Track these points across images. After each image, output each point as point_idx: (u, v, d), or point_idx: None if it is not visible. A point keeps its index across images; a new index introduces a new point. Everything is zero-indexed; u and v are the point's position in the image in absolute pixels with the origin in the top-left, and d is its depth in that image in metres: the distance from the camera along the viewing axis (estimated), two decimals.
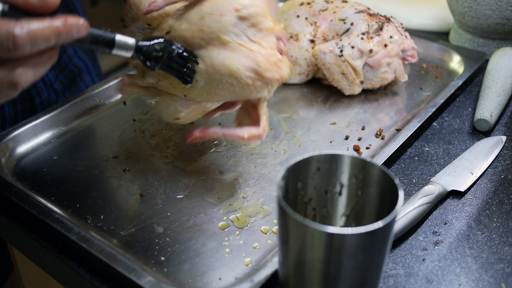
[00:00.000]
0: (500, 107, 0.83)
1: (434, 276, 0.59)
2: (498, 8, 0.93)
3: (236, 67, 0.61)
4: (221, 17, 0.61)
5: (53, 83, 0.94)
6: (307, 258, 0.47)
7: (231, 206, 0.67)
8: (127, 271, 0.56)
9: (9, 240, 0.73)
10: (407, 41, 0.89)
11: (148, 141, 0.79)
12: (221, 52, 0.61)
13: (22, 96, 0.89)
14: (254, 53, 0.62)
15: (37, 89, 0.91)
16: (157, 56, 0.61)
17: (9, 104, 0.87)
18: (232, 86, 0.62)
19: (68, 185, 0.71)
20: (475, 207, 0.68)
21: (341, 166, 0.53)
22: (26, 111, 0.91)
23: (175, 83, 0.64)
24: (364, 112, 0.85)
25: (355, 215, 0.56)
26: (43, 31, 0.48)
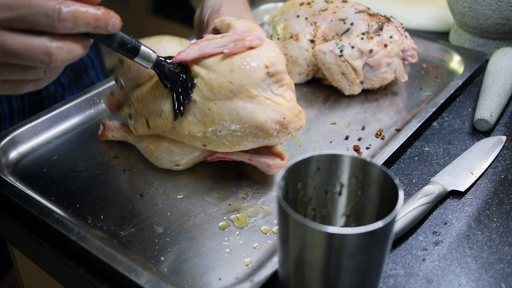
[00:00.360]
0: (500, 107, 0.83)
1: (434, 276, 0.59)
2: (498, 8, 0.93)
3: (264, 120, 0.64)
4: (252, 73, 0.63)
5: (60, 77, 0.96)
6: (307, 258, 0.47)
7: (231, 206, 0.67)
8: (127, 271, 0.56)
9: (9, 240, 0.73)
10: (407, 41, 0.89)
11: None
12: (247, 105, 0.64)
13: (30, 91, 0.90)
14: (280, 106, 0.65)
15: None
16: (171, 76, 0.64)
17: (17, 97, 0.88)
18: (257, 137, 0.65)
19: (68, 185, 0.71)
20: (475, 207, 0.68)
21: (341, 166, 0.53)
22: (33, 104, 0.92)
23: (194, 133, 0.66)
24: (364, 112, 0.85)
25: (355, 215, 0.56)
26: (86, 14, 0.52)
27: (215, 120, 0.64)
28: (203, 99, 0.64)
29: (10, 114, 0.89)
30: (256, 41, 0.65)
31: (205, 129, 0.65)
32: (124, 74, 0.71)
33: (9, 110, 0.89)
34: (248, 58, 0.64)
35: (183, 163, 0.71)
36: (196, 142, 0.67)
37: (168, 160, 0.71)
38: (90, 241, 0.59)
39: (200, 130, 0.65)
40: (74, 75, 1.00)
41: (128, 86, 0.72)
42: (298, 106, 0.67)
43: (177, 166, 0.71)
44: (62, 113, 0.81)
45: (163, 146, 0.70)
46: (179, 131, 0.67)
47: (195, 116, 0.65)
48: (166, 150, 0.70)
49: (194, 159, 0.71)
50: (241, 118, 0.64)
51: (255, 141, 0.66)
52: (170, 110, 0.66)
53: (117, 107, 0.77)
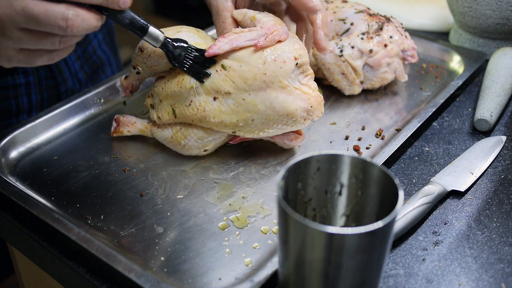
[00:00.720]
0: (500, 107, 0.83)
1: (434, 276, 0.59)
2: (498, 8, 0.93)
3: (295, 109, 0.69)
4: (284, 64, 0.68)
5: (78, 72, 0.98)
6: (307, 258, 0.47)
7: (231, 206, 0.67)
8: (127, 271, 0.56)
9: (9, 240, 0.73)
10: (407, 41, 0.89)
11: (148, 141, 0.79)
12: (280, 94, 0.68)
13: (49, 84, 0.93)
14: (308, 95, 0.70)
15: (63, 77, 0.95)
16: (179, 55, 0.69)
17: (36, 91, 0.92)
18: (286, 124, 0.70)
19: (68, 185, 0.71)
20: (475, 207, 0.68)
21: (341, 166, 0.53)
22: (51, 98, 0.94)
23: (226, 121, 0.70)
24: (364, 112, 0.85)
25: (355, 215, 0.56)
26: None
27: (249, 110, 0.69)
28: (236, 90, 0.68)
29: (29, 107, 0.91)
30: (284, 35, 0.69)
31: (237, 117, 0.69)
32: (143, 61, 0.74)
33: (28, 103, 0.91)
34: (279, 50, 0.68)
35: (211, 147, 0.74)
36: (226, 129, 0.71)
37: (197, 146, 0.73)
38: (90, 241, 0.59)
39: (232, 119, 0.69)
40: (91, 71, 1.02)
41: (146, 72, 0.76)
42: (320, 94, 0.72)
43: (205, 151, 0.74)
44: (62, 113, 0.81)
45: (191, 133, 0.73)
46: (209, 120, 0.70)
47: (229, 106, 0.69)
48: (195, 136, 0.73)
49: (221, 143, 0.75)
50: (274, 107, 0.68)
51: (283, 128, 0.71)
52: (201, 101, 0.70)
53: (131, 90, 0.80)
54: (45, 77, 0.93)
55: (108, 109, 0.85)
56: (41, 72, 0.92)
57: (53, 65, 0.93)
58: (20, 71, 0.89)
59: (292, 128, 0.71)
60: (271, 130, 0.71)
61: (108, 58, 1.08)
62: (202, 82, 0.69)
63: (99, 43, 1.04)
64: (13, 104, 0.90)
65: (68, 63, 0.95)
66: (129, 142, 0.78)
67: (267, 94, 0.68)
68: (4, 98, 0.89)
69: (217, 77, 0.69)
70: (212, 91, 0.69)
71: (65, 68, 0.95)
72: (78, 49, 0.98)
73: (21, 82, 0.89)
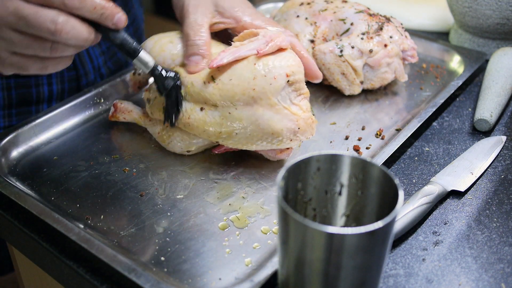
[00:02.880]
0: (500, 107, 0.83)
1: (434, 276, 0.59)
2: (498, 8, 0.93)
3: (280, 129, 0.67)
4: (274, 80, 0.66)
5: (101, 67, 0.99)
6: (307, 258, 0.47)
7: (231, 206, 0.67)
8: (127, 271, 0.56)
9: (9, 240, 0.73)
10: (407, 41, 0.89)
11: (148, 141, 0.79)
12: (266, 112, 0.67)
13: (71, 75, 0.94)
14: (297, 116, 0.68)
15: (85, 70, 0.95)
16: (165, 86, 0.69)
17: (58, 81, 0.93)
18: (270, 142, 0.69)
19: (68, 185, 0.71)
20: (475, 207, 0.68)
21: (341, 166, 0.53)
22: (72, 89, 0.95)
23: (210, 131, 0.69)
24: (364, 112, 0.85)
25: (355, 215, 0.56)
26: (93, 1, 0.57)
27: (233, 123, 0.68)
28: (224, 103, 0.68)
29: (49, 96, 0.92)
30: (286, 42, 0.69)
31: (221, 129, 0.69)
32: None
33: (48, 93, 0.92)
34: (270, 66, 0.67)
35: (194, 149, 0.74)
36: (210, 138, 0.70)
37: (180, 147, 0.74)
38: (90, 241, 0.59)
39: (216, 130, 0.69)
40: (115, 69, 1.04)
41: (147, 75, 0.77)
42: (312, 116, 0.70)
43: (188, 152, 0.75)
44: (62, 113, 0.81)
45: (176, 134, 0.73)
46: (193, 128, 0.70)
47: (214, 118, 0.69)
48: (178, 138, 0.73)
49: (205, 147, 0.75)
50: (259, 124, 0.67)
51: (267, 145, 0.70)
52: (187, 108, 0.70)
53: (138, 86, 0.82)
54: (67, 68, 0.93)
55: (108, 109, 0.85)
56: None
57: (76, 56, 0.94)
58: None
59: (278, 147, 0.70)
60: (254, 146, 0.70)
61: None
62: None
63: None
64: (34, 92, 0.90)
65: (91, 56, 0.96)
66: (129, 142, 0.78)
67: (254, 110, 0.67)
68: (25, 86, 0.89)
69: (205, 88, 0.68)
70: (200, 101, 0.69)
71: (88, 61, 0.95)
72: (102, 44, 0.99)
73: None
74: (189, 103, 0.70)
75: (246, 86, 0.66)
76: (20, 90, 0.89)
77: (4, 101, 0.88)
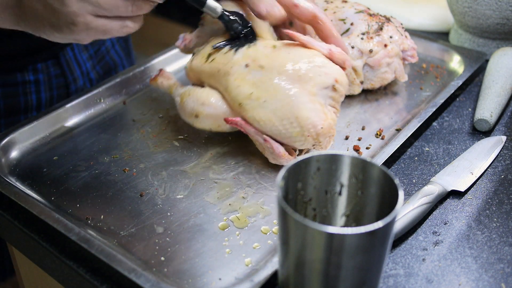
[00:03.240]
0: (500, 107, 0.83)
1: (434, 276, 0.59)
2: (498, 8, 0.93)
3: (307, 117, 0.67)
4: (325, 76, 0.68)
5: (90, 72, 0.99)
6: (307, 258, 0.47)
7: (231, 206, 0.67)
8: (127, 271, 0.56)
9: (9, 240, 0.73)
10: (407, 41, 0.89)
11: (148, 141, 0.79)
12: (303, 96, 0.67)
13: (59, 82, 0.94)
14: (325, 117, 0.68)
15: (73, 77, 0.96)
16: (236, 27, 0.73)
17: (46, 89, 0.93)
18: (289, 128, 0.68)
19: (68, 185, 0.71)
20: (475, 207, 0.68)
21: (341, 166, 0.53)
22: (61, 96, 0.95)
23: (242, 89, 0.70)
24: (364, 112, 0.85)
25: (355, 215, 0.56)
26: None
27: (269, 89, 0.68)
28: (271, 69, 0.69)
29: (37, 104, 0.92)
30: (348, 63, 0.72)
31: (254, 91, 0.69)
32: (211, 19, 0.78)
33: (37, 101, 0.92)
34: (328, 64, 0.69)
35: (202, 115, 0.73)
36: (237, 96, 0.70)
37: (192, 108, 0.73)
38: (90, 241, 0.59)
39: (248, 91, 0.69)
40: (103, 72, 1.03)
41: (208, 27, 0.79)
42: (334, 131, 0.71)
43: (196, 117, 0.73)
44: (62, 113, 0.81)
45: (195, 94, 0.74)
46: (229, 79, 0.71)
47: (254, 78, 0.69)
48: (195, 97, 0.73)
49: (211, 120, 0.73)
50: (291, 101, 0.67)
51: (284, 131, 0.68)
52: (234, 59, 0.72)
53: (185, 44, 0.82)
54: (56, 75, 0.93)
55: (108, 109, 0.86)
56: (51, 70, 0.93)
57: (64, 63, 0.94)
58: (30, 68, 0.90)
59: (289, 140, 0.69)
60: (270, 126, 0.69)
61: (121, 60, 1.08)
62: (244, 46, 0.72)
63: (113, 44, 1.06)
64: (22, 101, 0.90)
65: (79, 62, 0.96)
66: (129, 142, 0.79)
67: (295, 88, 0.68)
68: (13, 95, 0.89)
69: (261, 49, 0.71)
70: (249, 58, 0.71)
71: (76, 67, 0.95)
72: (90, 48, 0.98)
73: (31, 80, 0.90)
74: (238, 55, 0.72)
75: (300, 65, 0.68)
76: (7, 100, 0.88)
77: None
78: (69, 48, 0.95)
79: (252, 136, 0.71)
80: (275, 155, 0.71)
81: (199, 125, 0.74)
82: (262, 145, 0.71)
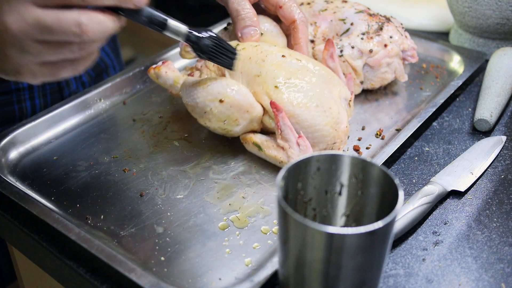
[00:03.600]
0: (500, 107, 0.83)
1: (434, 276, 0.59)
2: (498, 8, 0.93)
3: (337, 111, 0.72)
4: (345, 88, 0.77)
5: (82, 76, 0.99)
6: (307, 258, 0.47)
7: (231, 206, 0.67)
8: (127, 271, 0.56)
9: (9, 240, 0.73)
10: (407, 41, 0.89)
11: (148, 141, 0.79)
12: (336, 95, 0.74)
13: (53, 87, 0.94)
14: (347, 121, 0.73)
15: (67, 81, 0.96)
16: (206, 46, 0.67)
17: (40, 95, 0.92)
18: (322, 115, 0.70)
19: (68, 185, 0.71)
20: (475, 207, 0.68)
21: (341, 166, 0.53)
22: (55, 102, 0.94)
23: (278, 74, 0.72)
24: (364, 112, 0.85)
25: (355, 215, 0.56)
26: None
27: (305, 79, 0.72)
28: (308, 61, 0.74)
29: (32, 111, 0.92)
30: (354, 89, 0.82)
31: (291, 76, 0.71)
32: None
33: (31, 108, 0.92)
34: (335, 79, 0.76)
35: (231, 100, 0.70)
36: (274, 79, 0.71)
37: (219, 91, 0.70)
38: (90, 241, 0.59)
39: (287, 75, 0.71)
40: (95, 75, 1.03)
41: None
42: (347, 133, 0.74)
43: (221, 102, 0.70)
44: (62, 113, 0.81)
45: (223, 79, 0.71)
46: (265, 64, 0.72)
47: (291, 67, 0.72)
48: (224, 82, 0.71)
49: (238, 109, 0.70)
50: (326, 94, 0.72)
51: (317, 116, 0.70)
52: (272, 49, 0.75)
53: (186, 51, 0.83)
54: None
55: (108, 109, 0.86)
56: None
57: None
58: None
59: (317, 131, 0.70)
60: (305, 110, 0.69)
61: (111, 61, 1.08)
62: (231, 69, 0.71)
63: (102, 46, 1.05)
64: (16, 109, 0.90)
65: None
66: (129, 142, 0.78)
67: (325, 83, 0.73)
68: (7, 103, 0.89)
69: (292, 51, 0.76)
70: (284, 51, 0.75)
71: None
72: None
73: (24, 87, 0.90)
74: (274, 47, 0.75)
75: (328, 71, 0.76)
76: (2, 108, 0.88)
77: None
78: None
79: (283, 131, 0.69)
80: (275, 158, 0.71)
81: (215, 112, 0.71)
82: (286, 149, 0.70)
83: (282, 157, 0.70)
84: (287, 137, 0.69)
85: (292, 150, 0.69)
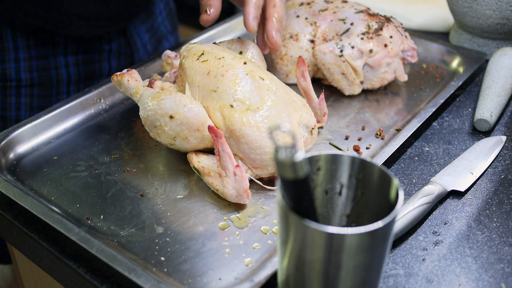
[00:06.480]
0: (500, 107, 0.83)
1: (434, 276, 0.59)
2: (498, 8, 0.93)
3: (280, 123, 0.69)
4: (311, 116, 0.73)
5: (147, 44, 1.09)
6: (307, 258, 0.47)
7: (231, 206, 0.67)
8: (127, 271, 0.56)
9: (9, 240, 0.73)
10: (407, 41, 0.89)
11: (148, 141, 0.79)
12: (294, 120, 0.70)
13: (126, 51, 1.05)
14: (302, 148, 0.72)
15: (137, 47, 1.07)
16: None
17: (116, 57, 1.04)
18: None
19: (68, 185, 0.71)
20: (475, 207, 0.68)
21: (341, 166, 0.53)
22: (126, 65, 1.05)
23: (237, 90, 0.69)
24: (364, 112, 0.85)
25: (355, 215, 0.56)
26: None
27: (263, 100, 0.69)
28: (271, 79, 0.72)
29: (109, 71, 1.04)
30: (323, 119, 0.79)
31: (250, 97, 0.69)
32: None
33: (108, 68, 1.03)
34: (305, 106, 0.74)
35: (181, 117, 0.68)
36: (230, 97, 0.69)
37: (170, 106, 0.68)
38: (90, 241, 0.59)
39: (243, 95, 0.69)
40: (156, 44, 1.12)
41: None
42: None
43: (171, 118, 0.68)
44: (62, 113, 0.81)
45: (177, 95, 0.69)
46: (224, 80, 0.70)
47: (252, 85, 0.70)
48: (176, 98, 0.68)
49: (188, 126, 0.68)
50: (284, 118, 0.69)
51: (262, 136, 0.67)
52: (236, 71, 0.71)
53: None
54: (124, 45, 1.04)
55: (108, 109, 0.85)
56: (121, 40, 1.03)
57: (129, 35, 1.04)
58: (105, 37, 1.00)
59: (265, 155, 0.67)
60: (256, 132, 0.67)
61: (169, 32, 1.18)
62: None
63: (163, 19, 1.14)
64: (97, 68, 1.01)
65: (140, 34, 1.06)
66: (129, 142, 0.78)
67: (284, 106, 0.70)
68: (90, 62, 1.00)
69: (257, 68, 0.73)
70: (252, 65, 0.72)
71: (138, 39, 1.06)
72: (147, 22, 1.07)
73: (105, 48, 1.01)
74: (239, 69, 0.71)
75: (295, 94, 0.74)
76: (87, 65, 0.99)
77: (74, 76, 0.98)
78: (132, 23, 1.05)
79: (222, 157, 0.66)
80: (240, 188, 0.65)
81: (165, 129, 0.69)
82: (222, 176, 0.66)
83: (218, 185, 0.66)
84: (225, 164, 0.65)
85: (227, 179, 0.65)
